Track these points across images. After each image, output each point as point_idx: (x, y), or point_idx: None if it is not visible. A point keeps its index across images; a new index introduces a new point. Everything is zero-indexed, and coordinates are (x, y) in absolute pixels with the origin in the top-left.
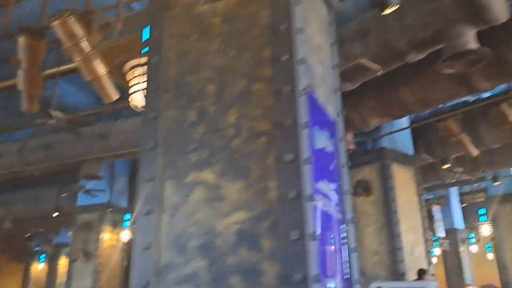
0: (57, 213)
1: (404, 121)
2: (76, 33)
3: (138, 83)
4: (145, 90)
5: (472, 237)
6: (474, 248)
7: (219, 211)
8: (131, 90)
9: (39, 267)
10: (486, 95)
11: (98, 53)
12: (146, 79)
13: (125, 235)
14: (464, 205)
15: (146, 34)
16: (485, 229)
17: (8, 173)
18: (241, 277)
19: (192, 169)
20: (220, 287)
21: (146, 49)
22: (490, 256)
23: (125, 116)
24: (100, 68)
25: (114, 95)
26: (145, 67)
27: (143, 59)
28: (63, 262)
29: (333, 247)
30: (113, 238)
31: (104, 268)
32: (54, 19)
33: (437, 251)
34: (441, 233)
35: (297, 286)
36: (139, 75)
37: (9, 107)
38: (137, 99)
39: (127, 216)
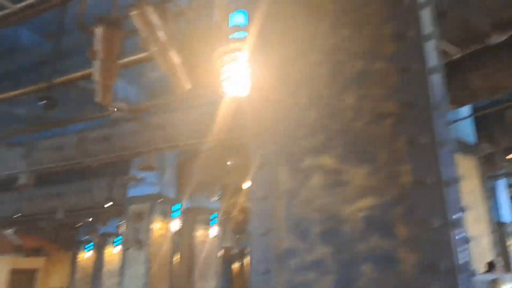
0: (110, 203)
1: (466, 109)
2: (153, 22)
3: (228, 70)
4: (235, 77)
5: None
6: None
7: (343, 197)
8: (221, 78)
9: (86, 256)
10: None
11: (173, 43)
12: (237, 66)
13: (174, 225)
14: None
15: (234, 19)
16: None
17: (66, 164)
18: (374, 265)
19: (308, 154)
20: (350, 275)
21: (235, 35)
22: None
23: (183, 108)
24: (175, 58)
25: (188, 85)
26: (235, 54)
27: (233, 45)
28: (109, 251)
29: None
30: (163, 228)
31: (155, 257)
32: (132, 9)
33: None
34: None
35: (443, 275)
36: (229, 62)
37: (68, 100)
38: (228, 87)
39: (176, 207)
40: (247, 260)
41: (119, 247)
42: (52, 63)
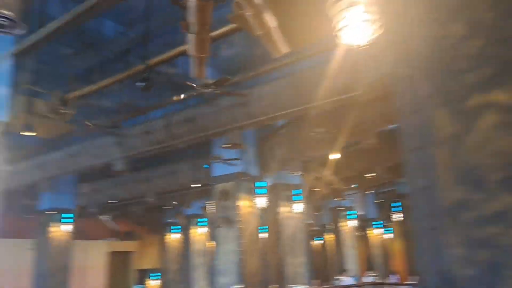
0: (196, 185)
1: None
2: None
3: (345, 17)
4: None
5: None
6: None
7: None
8: (337, 27)
9: (173, 237)
10: None
11: (268, 5)
12: (356, 10)
13: (260, 201)
14: None
15: None
16: None
17: (155, 148)
18: None
19: (473, 91)
20: None
21: None
22: None
23: (263, 81)
24: (271, 21)
25: (285, 49)
26: None
27: None
28: (194, 232)
29: None
30: (249, 205)
31: (245, 233)
32: None
33: None
34: None
35: None
36: (345, 8)
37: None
38: (348, 36)
39: (260, 184)
40: (328, 236)
41: (204, 228)
42: (140, 46)
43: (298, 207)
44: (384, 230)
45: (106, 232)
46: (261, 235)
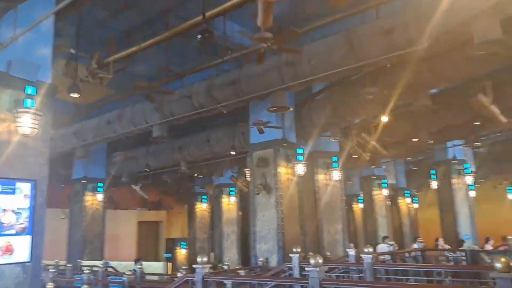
0: (233, 152)
1: None
2: None
3: None
4: None
5: None
6: None
7: None
8: None
9: (202, 207)
10: None
11: None
12: None
13: (300, 168)
14: None
15: None
16: None
17: (197, 113)
18: None
19: None
20: None
21: None
22: None
23: (312, 39)
24: None
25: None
26: None
27: None
28: (225, 201)
29: None
30: (288, 172)
31: (284, 200)
32: None
33: None
34: None
35: None
36: None
37: (188, 50)
38: None
39: (300, 150)
40: (357, 205)
41: (235, 197)
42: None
43: (336, 175)
44: (414, 200)
45: (136, 202)
46: (299, 203)
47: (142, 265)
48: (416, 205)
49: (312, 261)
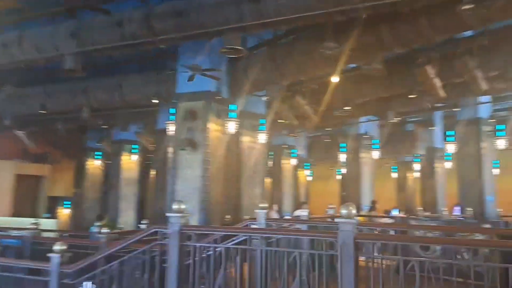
0: (155, 101)
1: None
2: None
3: None
4: None
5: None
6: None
7: None
8: None
9: (96, 163)
10: None
11: None
12: None
13: (231, 126)
14: None
15: None
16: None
17: (127, 45)
18: None
19: None
20: None
21: None
22: None
23: None
24: None
25: None
26: None
27: None
28: (126, 159)
29: None
30: (218, 130)
31: (212, 159)
32: None
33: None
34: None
35: None
36: None
37: None
38: None
39: (233, 107)
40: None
41: (137, 156)
42: None
43: (262, 138)
44: (310, 172)
45: (15, 152)
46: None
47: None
48: (310, 178)
49: (343, 211)
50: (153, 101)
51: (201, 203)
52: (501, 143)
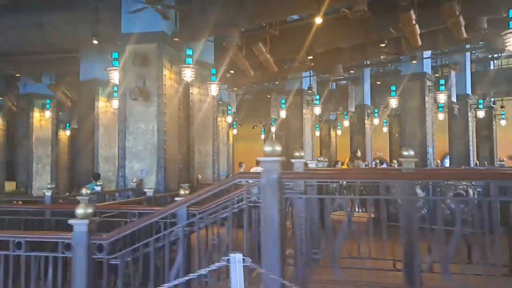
0: (95, 42)
1: None
2: None
3: None
4: None
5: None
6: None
7: None
8: None
9: None
10: None
11: None
12: None
13: (188, 74)
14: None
15: None
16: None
17: None
18: None
19: None
20: None
21: None
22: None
23: None
24: None
25: None
26: None
27: None
28: (36, 116)
29: None
30: (172, 78)
31: (167, 111)
32: None
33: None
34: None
35: None
36: None
37: None
38: None
39: (190, 52)
40: None
41: (50, 112)
42: None
43: (214, 90)
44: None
45: None
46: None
47: None
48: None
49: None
50: (93, 41)
51: (159, 161)
52: (442, 98)
